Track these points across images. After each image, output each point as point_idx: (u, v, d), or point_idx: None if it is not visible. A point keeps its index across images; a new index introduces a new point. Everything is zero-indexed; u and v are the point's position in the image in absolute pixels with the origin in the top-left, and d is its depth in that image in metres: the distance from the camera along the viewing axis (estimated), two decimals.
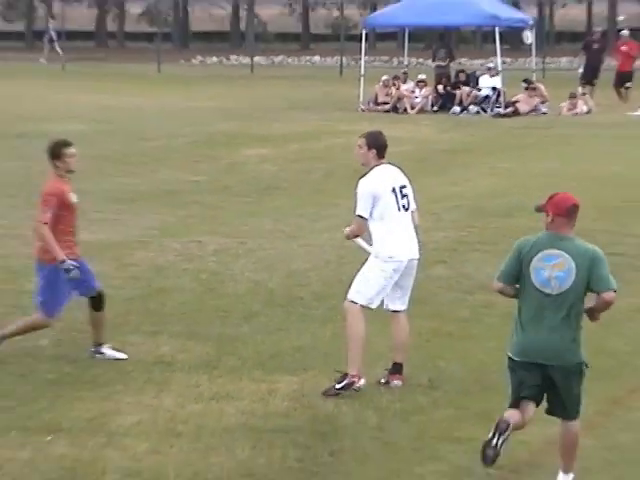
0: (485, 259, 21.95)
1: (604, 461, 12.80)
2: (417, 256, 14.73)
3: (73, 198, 16.00)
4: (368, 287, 14.36)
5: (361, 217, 14.35)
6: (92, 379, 15.34)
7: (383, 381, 14.81)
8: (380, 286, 14.37)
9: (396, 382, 14.68)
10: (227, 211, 25.19)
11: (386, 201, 14.29)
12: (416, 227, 14.93)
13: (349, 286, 14.55)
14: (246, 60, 78.49)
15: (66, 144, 16.37)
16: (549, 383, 11.45)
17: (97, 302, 16.31)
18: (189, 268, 21.07)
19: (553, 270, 11.23)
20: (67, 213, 15.91)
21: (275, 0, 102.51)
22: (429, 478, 12.25)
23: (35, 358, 16.21)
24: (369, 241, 14.73)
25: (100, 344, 16.27)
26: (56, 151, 16.21)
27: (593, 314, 11.50)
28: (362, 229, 14.64)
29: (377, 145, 14.74)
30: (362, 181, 14.49)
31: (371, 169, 14.54)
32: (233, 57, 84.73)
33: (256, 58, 77.86)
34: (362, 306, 14.36)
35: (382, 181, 14.41)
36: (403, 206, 14.42)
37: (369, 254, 14.61)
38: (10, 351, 16.57)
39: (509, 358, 11.64)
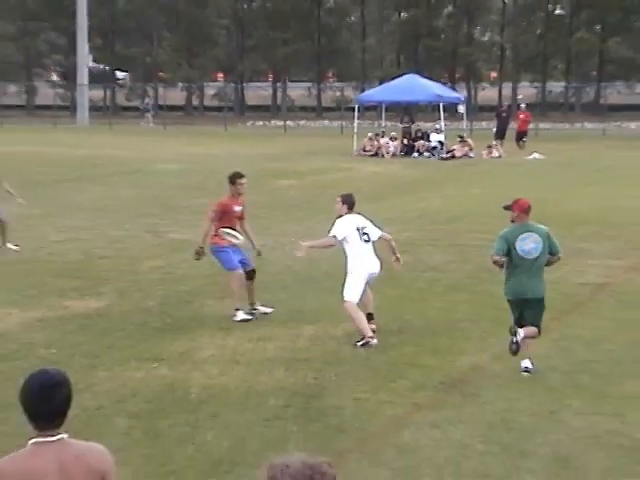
0: (434, 250, 22.18)
1: (559, 348, 13.49)
2: (377, 271, 15.03)
3: (237, 208, 16.25)
4: (354, 290, 14.68)
5: (334, 237, 14.90)
6: (182, 326, 15.44)
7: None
8: (360, 288, 14.72)
9: (371, 326, 14.75)
10: (268, 220, 25.22)
11: (352, 236, 14.81)
12: (390, 241, 15.46)
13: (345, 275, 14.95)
14: (281, 123, 78.46)
15: (240, 175, 16.58)
16: (528, 308, 13.22)
17: (250, 274, 16.26)
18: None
19: (530, 244, 12.98)
20: (229, 217, 16.09)
21: (300, 86, 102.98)
22: (399, 390, 12.38)
23: (147, 313, 16.31)
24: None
25: (253, 303, 16.28)
26: (232, 179, 16.43)
27: (549, 265, 13.41)
28: (329, 243, 15.24)
29: (349, 202, 15.24)
30: (338, 221, 15.05)
31: (344, 215, 15.09)
32: (273, 122, 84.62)
33: (287, 122, 77.83)
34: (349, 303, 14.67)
35: (349, 224, 14.93)
36: (364, 240, 14.90)
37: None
38: (131, 308, 16.71)
39: (508, 300, 13.41)
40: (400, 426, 11.25)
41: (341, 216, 15.11)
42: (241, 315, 15.84)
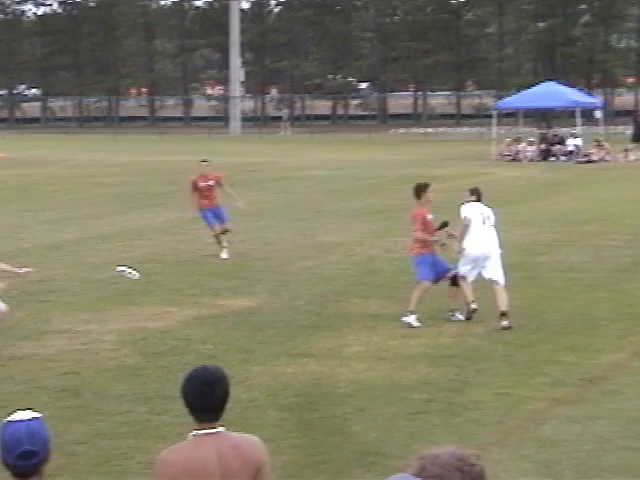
0: (571, 251, 21.77)
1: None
2: (491, 254, 15.47)
3: (429, 217, 16.03)
4: (466, 267, 15.44)
5: (464, 218, 15.63)
6: (330, 324, 15.47)
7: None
8: (468, 267, 15.51)
9: (503, 323, 14.75)
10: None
11: (476, 219, 15.47)
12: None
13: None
14: (422, 131, 78.23)
15: (427, 185, 16.49)
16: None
17: (453, 280, 15.91)
18: (388, 257, 21.13)
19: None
20: (425, 227, 15.90)
21: (440, 94, 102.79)
22: (538, 386, 12.22)
23: (296, 311, 16.38)
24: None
25: (458, 309, 15.85)
26: (420, 189, 16.32)
27: None
28: (464, 227, 15.61)
29: (476, 194, 16.03)
30: (463, 207, 15.85)
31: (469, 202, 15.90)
32: (414, 129, 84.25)
33: (428, 129, 77.56)
34: (462, 277, 15.51)
35: (473, 208, 15.72)
36: (485, 224, 15.54)
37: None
38: (281, 307, 16.81)
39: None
40: (540, 420, 11.09)
41: (466, 203, 15.87)
42: (413, 320, 15.44)
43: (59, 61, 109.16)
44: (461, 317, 15.58)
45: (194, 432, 5.38)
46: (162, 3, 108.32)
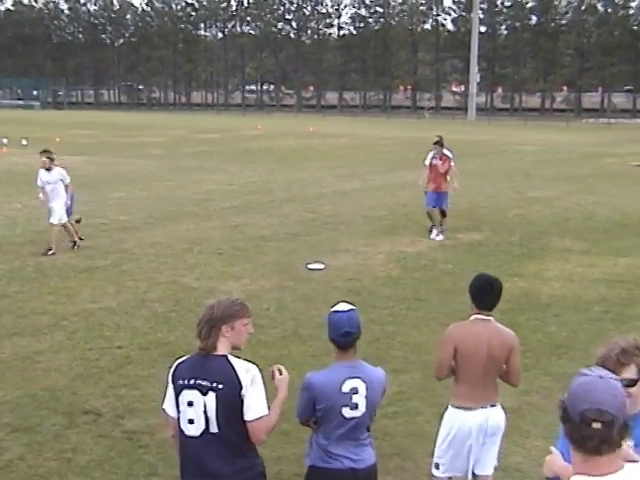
0: None
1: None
2: None
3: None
4: None
5: None
6: (535, 254, 15.02)
7: None
8: None
9: None
10: (598, 186, 24.20)
11: None
12: None
13: None
14: (605, 121, 73.90)
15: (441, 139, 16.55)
16: None
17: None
18: (578, 209, 20.41)
19: None
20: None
21: (620, 95, 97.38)
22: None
23: (510, 244, 16.02)
24: None
25: None
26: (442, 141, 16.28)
27: None
28: None
29: None
30: None
31: None
32: (600, 120, 78.83)
33: (611, 120, 73.21)
34: None
35: None
36: None
37: None
38: (500, 241, 16.46)
39: None
40: None
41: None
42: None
43: (351, 66, 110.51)
44: None
45: (474, 317, 5.30)
46: (425, 27, 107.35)
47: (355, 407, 4.42)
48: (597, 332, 10.21)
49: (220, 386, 4.04)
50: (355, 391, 4.40)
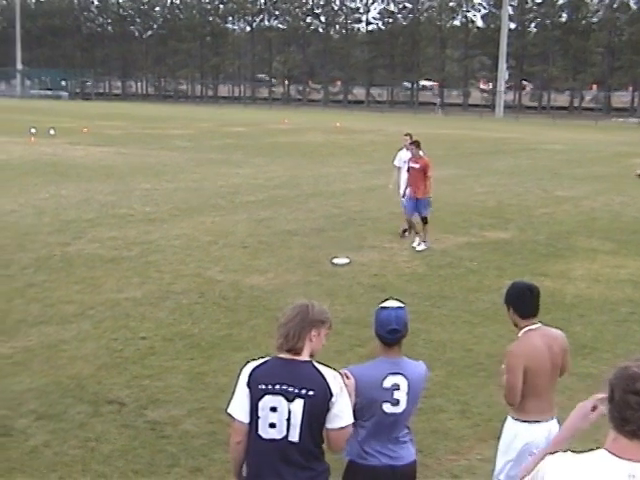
0: None
1: None
2: None
3: None
4: None
5: None
6: (562, 254, 14.93)
7: None
8: None
9: None
10: (622, 184, 23.98)
11: None
12: None
13: None
14: (636, 120, 73.19)
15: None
16: None
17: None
18: (606, 209, 20.22)
19: None
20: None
21: None
22: None
23: (537, 243, 15.93)
24: None
25: None
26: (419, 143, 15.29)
27: None
28: None
29: None
30: None
31: None
32: (630, 119, 78.32)
33: (633, 119, 72.59)
34: None
35: None
36: None
37: None
38: (526, 239, 16.37)
39: None
40: None
41: None
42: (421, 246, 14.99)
43: (379, 62, 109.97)
44: None
45: (526, 328, 5.08)
46: (454, 23, 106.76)
47: (396, 403, 4.39)
48: (623, 333, 10.15)
49: (310, 393, 3.88)
50: (396, 387, 4.37)
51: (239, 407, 3.99)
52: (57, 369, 8.50)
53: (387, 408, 4.39)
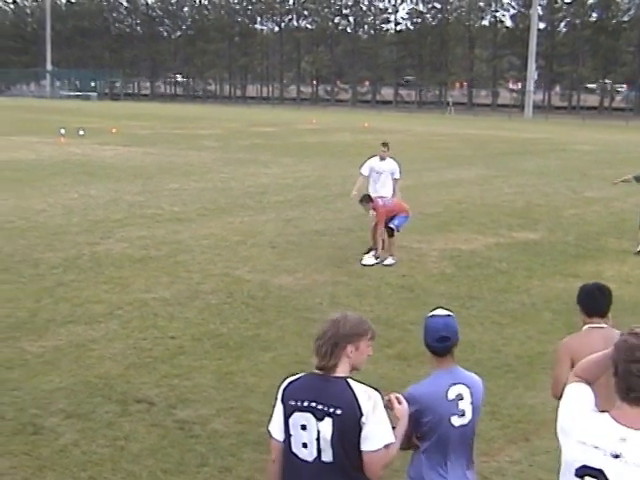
0: None
1: None
2: None
3: None
4: None
5: None
6: (591, 255, 14.79)
7: None
8: None
9: None
10: None
11: None
12: None
13: None
14: None
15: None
16: None
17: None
18: (637, 210, 20.00)
19: None
20: None
21: None
22: None
23: (566, 244, 15.80)
24: None
25: None
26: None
27: None
28: None
29: None
30: None
31: None
32: None
33: None
34: None
35: None
36: None
37: None
38: (555, 240, 16.23)
39: None
40: None
41: None
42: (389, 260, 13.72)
43: (407, 62, 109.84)
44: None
45: (587, 326, 5.06)
46: (483, 23, 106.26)
47: (462, 414, 4.22)
48: None
49: (338, 411, 3.65)
50: (460, 397, 4.23)
51: (275, 424, 3.86)
52: (86, 368, 8.55)
53: (455, 420, 4.21)
